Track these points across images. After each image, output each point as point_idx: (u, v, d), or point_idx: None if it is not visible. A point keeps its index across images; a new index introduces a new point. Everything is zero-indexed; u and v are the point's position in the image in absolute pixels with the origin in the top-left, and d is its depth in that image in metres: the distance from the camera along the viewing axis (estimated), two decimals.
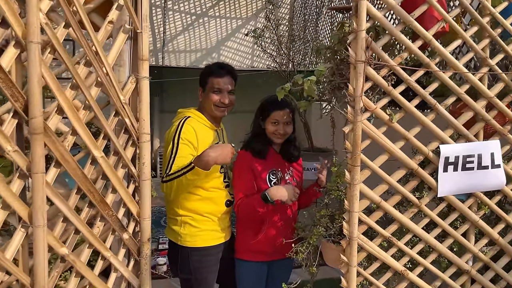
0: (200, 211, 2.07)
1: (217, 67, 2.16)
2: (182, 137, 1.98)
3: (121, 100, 1.25)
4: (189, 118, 2.08)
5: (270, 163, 2.21)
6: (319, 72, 1.61)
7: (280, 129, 2.15)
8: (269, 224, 2.17)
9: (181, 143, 1.96)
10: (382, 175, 1.66)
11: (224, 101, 2.11)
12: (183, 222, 2.07)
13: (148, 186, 1.38)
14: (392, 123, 1.64)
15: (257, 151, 2.18)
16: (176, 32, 8.49)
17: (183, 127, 2.01)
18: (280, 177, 2.20)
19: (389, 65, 1.60)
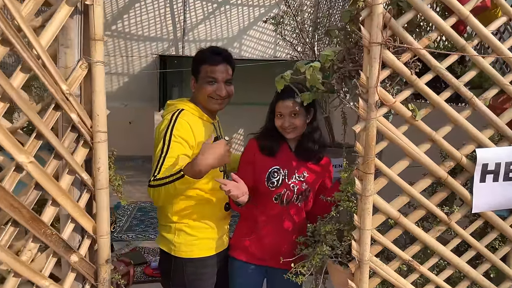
0: (196, 217, 1.82)
1: (211, 52, 1.84)
2: (174, 133, 1.70)
3: (63, 90, 0.99)
4: (183, 112, 1.79)
5: (276, 160, 1.90)
6: (325, 57, 1.31)
7: (285, 122, 1.83)
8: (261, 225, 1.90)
9: (173, 141, 1.69)
10: (402, 185, 1.34)
11: (220, 93, 1.81)
12: (178, 230, 1.81)
13: (105, 196, 1.12)
14: (415, 121, 1.32)
15: (263, 147, 1.91)
16: (197, 21, 8.24)
17: (176, 122, 1.73)
18: (281, 179, 1.89)
19: (413, 48, 1.27)
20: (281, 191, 1.87)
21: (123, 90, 8.12)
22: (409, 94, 1.32)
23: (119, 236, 4.20)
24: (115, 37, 8.00)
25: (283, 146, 1.93)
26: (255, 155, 1.91)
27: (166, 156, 1.66)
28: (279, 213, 1.89)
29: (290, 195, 1.87)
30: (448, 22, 1.30)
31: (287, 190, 1.87)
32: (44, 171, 0.97)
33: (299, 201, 1.90)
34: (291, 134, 1.86)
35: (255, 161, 1.90)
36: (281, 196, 1.87)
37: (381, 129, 1.30)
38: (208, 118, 1.87)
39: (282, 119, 1.84)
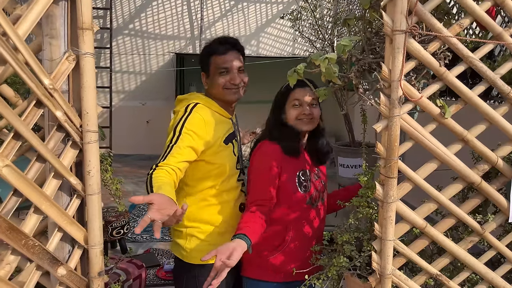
0: (210, 220, 1.70)
1: (218, 43, 1.74)
2: (187, 126, 1.59)
3: (45, 85, 0.89)
4: (198, 105, 1.67)
5: (300, 162, 1.74)
6: (342, 48, 1.17)
7: (305, 109, 1.67)
8: (297, 235, 1.71)
9: (184, 132, 1.58)
10: (429, 191, 1.20)
11: (234, 82, 1.70)
12: (189, 235, 1.70)
13: (97, 202, 1.02)
14: (444, 119, 1.17)
15: (289, 149, 1.69)
16: (214, 19, 8.16)
17: (189, 116, 1.62)
18: (309, 179, 1.74)
19: (443, 36, 1.12)
20: (311, 193, 1.73)
21: (140, 89, 8.12)
22: (437, 89, 1.17)
23: (133, 237, 4.14)
24: (132, 36, 8.00)
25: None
26: (279, 160, 1.67)
27: (174, 145, 1.56)
28: (312, 217, 1.75)
29: (317, 194, 1.76)
30: (483, 6, 1.15)
31: (316, 190, 1.75)
32: (23, 175, 0.87)
33: (323, 200, 1.81)
34: (308, 125, 1.70)
35: (282, 167, 1.67)
36: (312, 198, 1.73)
37: (406, 128, 1.16)
38: (225, 112, 1.76)
39: (300, 108, 1.68)
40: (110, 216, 3.55)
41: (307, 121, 1.69)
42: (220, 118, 1.73)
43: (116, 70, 7.99)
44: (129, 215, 3.80)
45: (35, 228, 0.93)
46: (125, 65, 8.10)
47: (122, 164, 7.41)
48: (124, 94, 8.20)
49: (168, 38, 8.02)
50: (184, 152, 1.56)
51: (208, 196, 1.70)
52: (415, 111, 1.24)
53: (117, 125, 7.46)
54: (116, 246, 3.79)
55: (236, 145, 1.77)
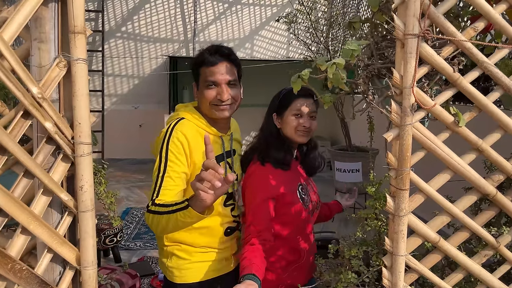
0: (191, 242, 1.57)
1: (208, 52, 1.54)
2: (171, 149, 1.45)
3: (33, 94, 0.82)
4: (182, 122, 1.52)
5: (293, 174, 1.68)
6: (350, 52, 1.11)
7: (305, 122, 1.61)
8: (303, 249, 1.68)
9: (170, 159, 1.43)
10: (443, 203, 1.14)
11: (221, 97, 1.50)
12: (169, 253, 1.58)
13: (91, 219, 0.94)
14: (458, 127, 1.11)
15: (280, 161, 1.62)
16: (208, 22, 8.08)
17: (171, 135, 1.47)
18: (308, 192, 1.71)
19: (457, 40, 1.07)
20: (311, 207, 1.70)
21: (133, 92, 8.02)
22: (450, 96, 1.12)
23: (126, 245, 4.04)
24: (125, 38, 7.90)
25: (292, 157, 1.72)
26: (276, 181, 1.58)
27: (164, 176, 1.41)
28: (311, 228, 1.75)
29: (315, 205, 1.75)
30: (498, 9, 1.09)
31: (312, 201, 1.72)
32: (8, 194, 0.79)
33: (317, 210, 1.78)
34: (305, 137, 1.65)
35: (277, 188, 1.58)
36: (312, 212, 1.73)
37: (418, 137, 1.10)
38: (214, 130, 1.58)
39: (302, 119, 1.62)
40: (102, 224, 3.46)
41: (303, 133, 1.64)
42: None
43: (108, 74, 7.89)
44: (122, 222, 3.71)
45: (22, 250, 0.86)
46: (118, 69, 8.00)
47: (115, 169, 7.30)
48: (116, 98, 8.09)
49: (161, 41, 7.94)
50: (178, 183, 1.42)
51: None
52: (426, 119, 1.18)
53: (109, 129, 7.35)
54: (109, 255, 3.69)
55: (224, 167, 1.60)
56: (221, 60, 1.53)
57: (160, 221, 1.31)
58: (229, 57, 1.55)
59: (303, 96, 1.62)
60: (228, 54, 1.55)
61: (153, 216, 1.33)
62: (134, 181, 6.58)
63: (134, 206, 5.31)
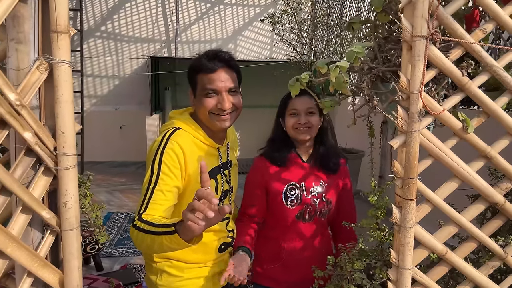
0: (183, 258, 1.47)
1: (207, 58, 1.43)
2: (164, 160, 1.34)
3: (10, 100, 0.73)
4: (178, 132, 1.42)
5: (291, 175, 1.69)
6: (353, 55, 1.04)
7: (301, 119, 1.62)
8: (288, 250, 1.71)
9: (163, 172, 1.33)
10: (450, 213, 1.09)
11: (223, 106, 1.41)
12: (160, 270, 1.47)
13: (76, 238, 0.85)
14: (467, 134, 1.06)
15: (274, 158, 1.69)
16: (190, 21, 7.96)
17: (166, 146, 1.36)
18: (300, 195, 1.66)
19: (466, 42, 1.01)
20: (302, 208, 1.66)
21: (113, 93, 7.83)
22: (458, 101, 1.06)
23: (108, 252, 3.91)
24: (105, 38, 7.71)
25: (294, 158, 1.71)
26: (266, 175, 1.69)
27: (154, 189, 1.30)
28: (304, 232, 1.69)
29: (312, 210, 1.67)
30: (507, 10, 1.05)
31: (308, 206, 1.66)
32: None
33: (322, 215, 1.69)
34: (304, 134, 1.65)
35: (268, 181, 1.68)
36: (303, 213, 1.67)
37: (425, 145, 1.04)
38: (211, 141, 1.49)
39: (297, 117, 1.64)
40: (83, 231, 3.32)
41: (303, 130, 1.65)
42: (204, 148, 1.48)
43: (87, 74, 7.68)
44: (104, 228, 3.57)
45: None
46: (97, 69, 7.80)
47: (95, 172, 7.08)
48: (96, 99, 7.89)
49: (142, 41, 7.77)
50: (169, 197, 1.31)
51: None
52: (433, 125, 1.12)
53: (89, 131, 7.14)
54: (90, 263, 3.56)
55: (221, 180, 1.52)
56: (221, 66, 1.42)
57: (145, 239, 1.19)
58: (228, 62, 1.44)
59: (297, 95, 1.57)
60: (227, 60, 1.44)
61: (138, 232, 1.21)
62: (115, 184, 6.41)
63: (115, 210, 5.16)
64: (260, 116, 7.81)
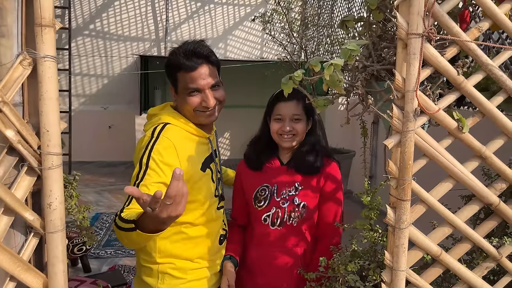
0: (185, 256, 1.43)
1: (185, 54, 1.39)
2: (153, 157, 1.29)
3: None
4: (168, 127, 1.38)
5: (265, 177, 1.63)
6: (348, 53, 1.02)
7: (285, 125, 1.55)
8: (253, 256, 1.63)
9: (151, 168, 1.28)
10: (445, 214, 1.07)
11: (207, 104, 1.41)
12: (161, 273, 1.41)
13: (61, 241, 0.82)
14: (462, 133, 1.04)
15: (249, 160, 1.68)
16: (180, 20, 7.90)
17: (157, 142, 1.32)
18: (269, 196, 1.59)
19: (461, 41, 1.00)
20: (270, 210, 1.58)
21: (102, 92, 7.73)
22: (453, 100, 1.05)
23: (96, 253, 3.84)
24: (93, 36, 7.62)
25: (273, 160, 1.64)
26: (242, 176, 1.69)
27: (139, 183, 1.25)
28: (272, 239, 1.57)
29: (281, 214, 1.57)
30: (503, 9, 1.03)
31: (276, 209, 1.57)
32: None
33: (293, 220, 1.56)
34: (288, 142, 1.58)
35: (244, 184, 1.68)
36: (271, 217, 1.57)
37: (420, 145, 1.03)
38: (202, 132, 1.47)
39: (281, 122, 1.57)
40: (70, 232, 3.26)
41: (288, 137, 1.58)
42: (196, 140, 1.46)
43: (75, 73, 7.57)
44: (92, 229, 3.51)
45: None
46: (86, 68, 7.70)
47: (83, 172, 6.99)
48: (84, 98, 7.79)
49: (131, 39, 7.69)
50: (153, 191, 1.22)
51: (184, 229, 1.42)
52: (427, 124, 1.11)
53: (77, 131, 7.05)
54: (77, 264, 3.49)
55: (214, 168, 1.52)
56: (200, 63, 1.39)
57: (124, 237, 1.15)
58: (208, 58, 1.42)
59: (282, 100, 1.56)
60: (207, 56, 1.41)
61: (117, 231, 1.17)
62: (104, 184, 6.33)
63: (104, 211, 5.09)
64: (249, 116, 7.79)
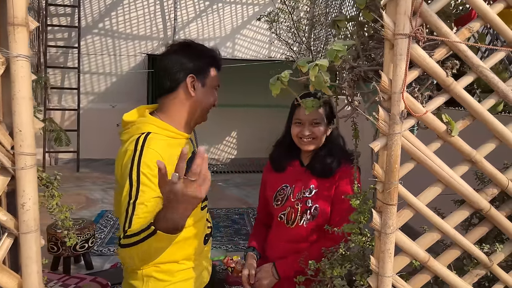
0: (171, 258, 1.39)
1: (219, 57, 1.50)
2: (143, 171, 1.25)
3: None
4: (150, 136, 1.33)
5: (286, 178, 1.72)
6: (334, 53, 1.00)
7: (305, 130, 1.62)
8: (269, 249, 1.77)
9: (143, 183, 1.24)
10: (433, 219, 1.04)
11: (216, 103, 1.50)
12: (146, 276, 1.37)
13: (34, 242, 0.81)
14: (451, 137, 1.02)
15: (273, 162, 1.79)
16: (188, 19, 7.92)
17: (142, 155, 1.27)
18: (286, 196, 1.69)
19: (451, 42, 0.97)
20: (285, 210, 1.68)
21: (110, 90, 7.79)
22: (442, 102, 1.02)
23: (99, 250, 3.87)
24: (102, 35, 7.68)
25: (294, 162, 1.72)
26: (267, 176, 1.81)
27: (136, 202, 1.22)
28: (286, 236, 1.68)
29: (294, 214, 1.65)
30: (495, 8, 1.00)
31: (291, 208, 1.66)
32: None
33: (304, 222, 1.63)
34: (308, 145, 1.64)
35: (266, 181, 1.81)
36: (286, 215, 1.67)
37: (407, 148, 1.00)
38: (183, 134, 1.44)
39: (301, 127, 1.63)
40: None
41: (307, 141, 1.63)
42: (177, 143, 1.41)
43: (84, 71, 7.64)
44: (94, 226, 3.54)
45: None
46: (95, 66, 7.76)
47: (90, 170, 7.08)
48: (93, 96, 7.86)
49: (140, 38, 7.73)
50: (151, 208, 1.22)
51: None
52: (416, 126, 1.08)
53: (86, 128, 7.12)
54: (80, 261, 3.52)
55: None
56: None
57: (133, 253, 1.16)
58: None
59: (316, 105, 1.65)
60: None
61: (126, 250, 1.17)
62: (110, 182, 6.37)
63: (109, 208, 5.12)
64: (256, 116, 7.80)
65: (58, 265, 3.38)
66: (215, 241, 4.30)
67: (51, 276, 2.74)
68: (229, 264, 2.81)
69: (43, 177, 0.98)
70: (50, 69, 7.33)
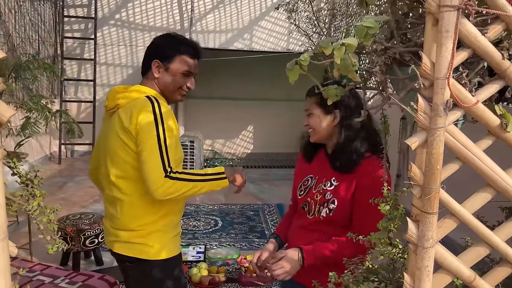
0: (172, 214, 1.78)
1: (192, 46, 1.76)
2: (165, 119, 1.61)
3: None
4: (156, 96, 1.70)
5: (312, 168, 1.76)
6: (364, 31, 0.83)
7: (305, 120, 1.68)
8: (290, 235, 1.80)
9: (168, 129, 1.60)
10: (482, 231, 0.87)
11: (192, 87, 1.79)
12: (157, 231, 1.70)
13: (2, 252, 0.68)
14: (506, 133, 0.84)
15: (304, 154, 1.83)
16: (206, 11, 7.76)
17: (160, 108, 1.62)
18: (310, 187, 1.71)
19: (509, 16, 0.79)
20: (306, 200, 1.69)
21: (126, 82, 7.72)
22: (496, 90, 0.85)
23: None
24: (119, 26, 7.60)
25: (320, 151, 1.75)
26: (298, 165, 1.85)
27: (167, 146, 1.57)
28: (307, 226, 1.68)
29: (313, 205, 1.65)
30: None
31: (311, 200, 1.67)
32: None
33: (321, 214, 1.61)
34: (312, 136, 1.67)
35: (296, 171, 1.85)
36: (307, 206, 1.68)
37: (452, 145, 0.83)
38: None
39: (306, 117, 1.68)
40: (83, 224, 3.20)
41: (310, 132, 1.67)
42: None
43: (101, 62, 7.59)
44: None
45: None
46: (111, 57, 7.69)
47: None
48: (109, 88, 7.79)
49: (156, 29, 7.62)
50: (179, 150, 1.70)
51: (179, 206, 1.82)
52: (462, 120, 0.91)
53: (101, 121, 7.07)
54: (90, 256, 3.44)
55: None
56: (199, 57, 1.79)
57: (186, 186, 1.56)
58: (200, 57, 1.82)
59: (307, 95, 1.67)
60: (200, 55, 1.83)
61: (176, 182, 1.54)
62: None
63: None
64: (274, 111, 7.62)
65: (67, 260, 3.30)
66: (229, 238, 4.17)
67: (59, 272, 2.65)
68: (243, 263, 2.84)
69: (22, 174, 0.85)
70: (67, 61, 7.30)
